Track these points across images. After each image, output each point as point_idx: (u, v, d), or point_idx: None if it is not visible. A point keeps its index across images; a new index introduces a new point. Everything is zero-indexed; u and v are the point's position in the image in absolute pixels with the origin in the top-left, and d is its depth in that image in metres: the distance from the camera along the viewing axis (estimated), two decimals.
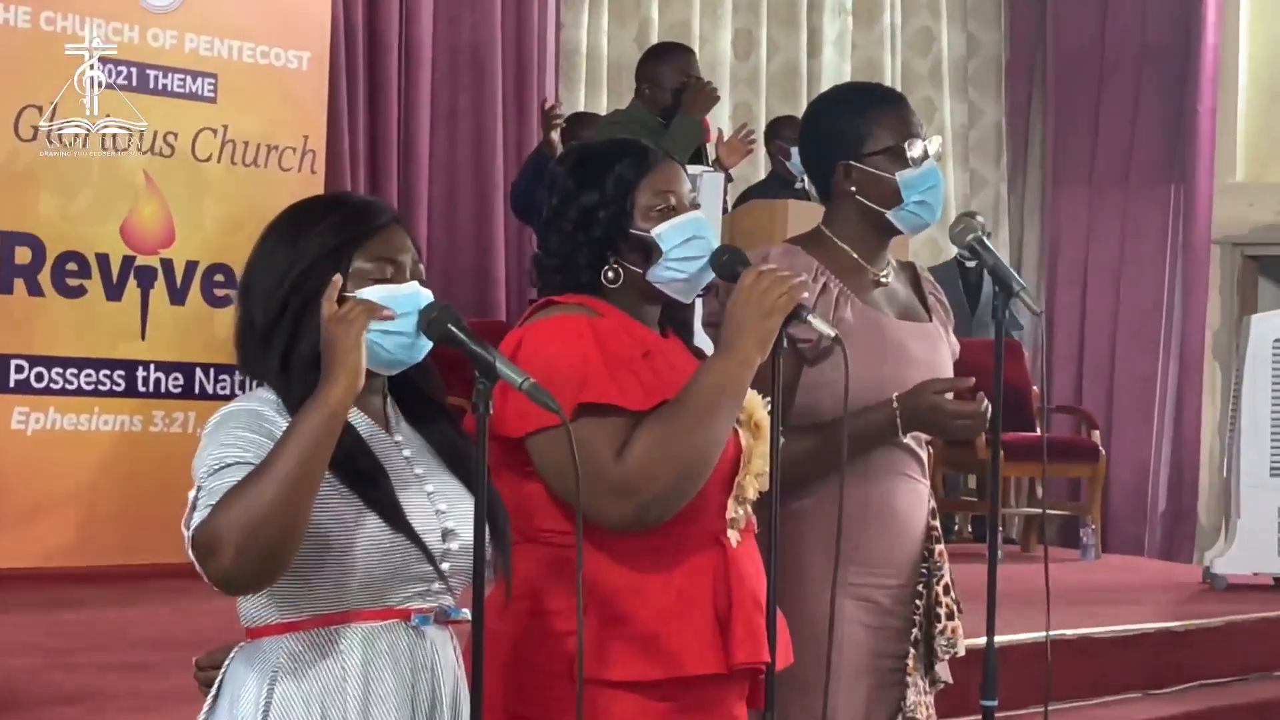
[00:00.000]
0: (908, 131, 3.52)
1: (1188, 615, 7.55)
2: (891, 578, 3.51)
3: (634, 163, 3.08)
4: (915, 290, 3.68)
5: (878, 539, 3.47)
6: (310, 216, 2.73)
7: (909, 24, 11.52)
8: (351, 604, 2.62)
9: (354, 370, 2.54)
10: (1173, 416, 11.13)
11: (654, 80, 7.57)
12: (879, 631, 3.50)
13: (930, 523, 3.58)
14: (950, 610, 3.55)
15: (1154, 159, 11.32)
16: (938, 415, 3.40)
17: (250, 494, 2.46)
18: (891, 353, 3.48)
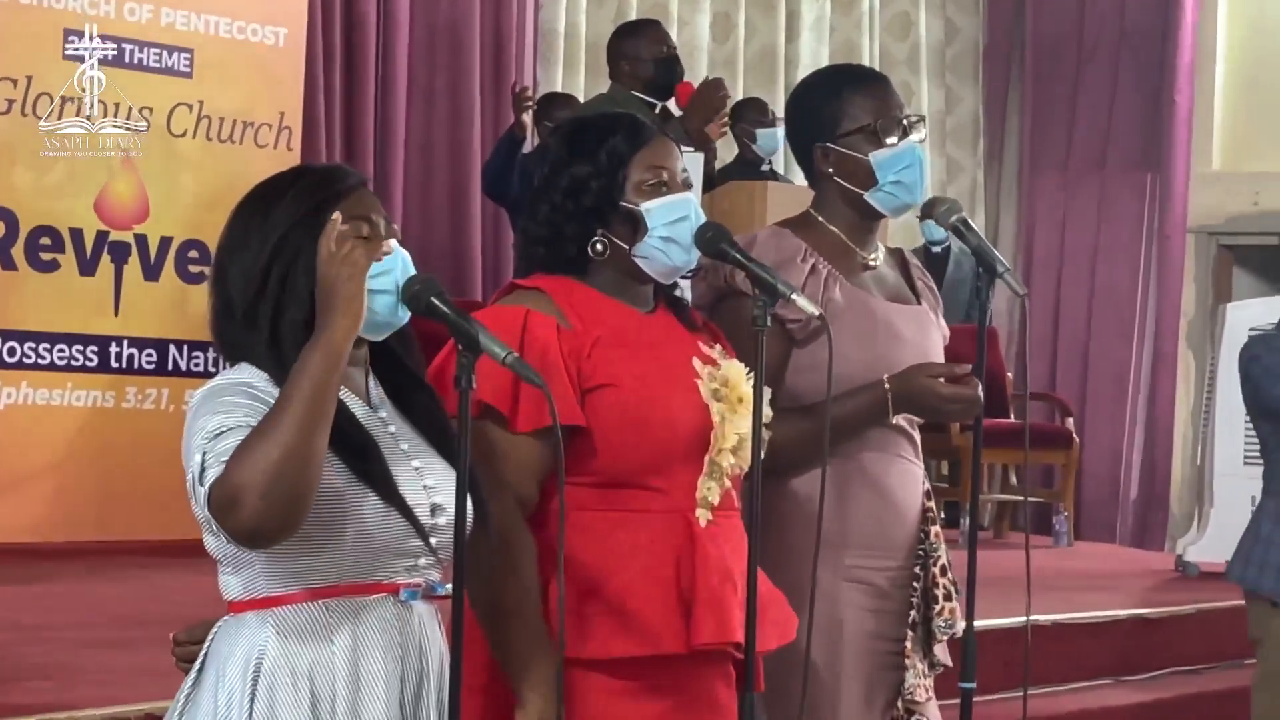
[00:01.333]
0: (883, 111, 3.52)
1: (1160, 602, 7.57)
2: (889, 560, 3.50)
3: (628, 136, 3.08)
4: (904, 275, 3.67)
5: (874, 521, 3.47)
6: (278, 189, 2.72)
7: (887, 8, 11.51)
8: (341, 578, 2.61)
9: (356, 307, 2.54)
10: (1146, 404, 11.14)
11: (632, 56, 7.53)
12: (878, 615, 3.49)
13: (925, 504, 3.57)
14: (948, 591, 3.54)
15: (1131, 147, 11.33)
16: (931, 399, 3.40)
17: (265, 442, 2.45)
18: (882, 333, 3.48)
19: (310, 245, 2.63)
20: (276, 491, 2.43)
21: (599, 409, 2.95)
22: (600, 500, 2.98)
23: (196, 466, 2.52)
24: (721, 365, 3.12)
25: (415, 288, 2.63)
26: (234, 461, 2.45)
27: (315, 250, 2.62)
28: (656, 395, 3.00)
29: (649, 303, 3.12)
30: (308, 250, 2.63)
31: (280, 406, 2.47)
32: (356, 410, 2.69)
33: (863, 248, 3.56)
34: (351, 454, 2.60)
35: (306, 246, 2.64)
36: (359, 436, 2.64)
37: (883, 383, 3.40)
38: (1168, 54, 11.10)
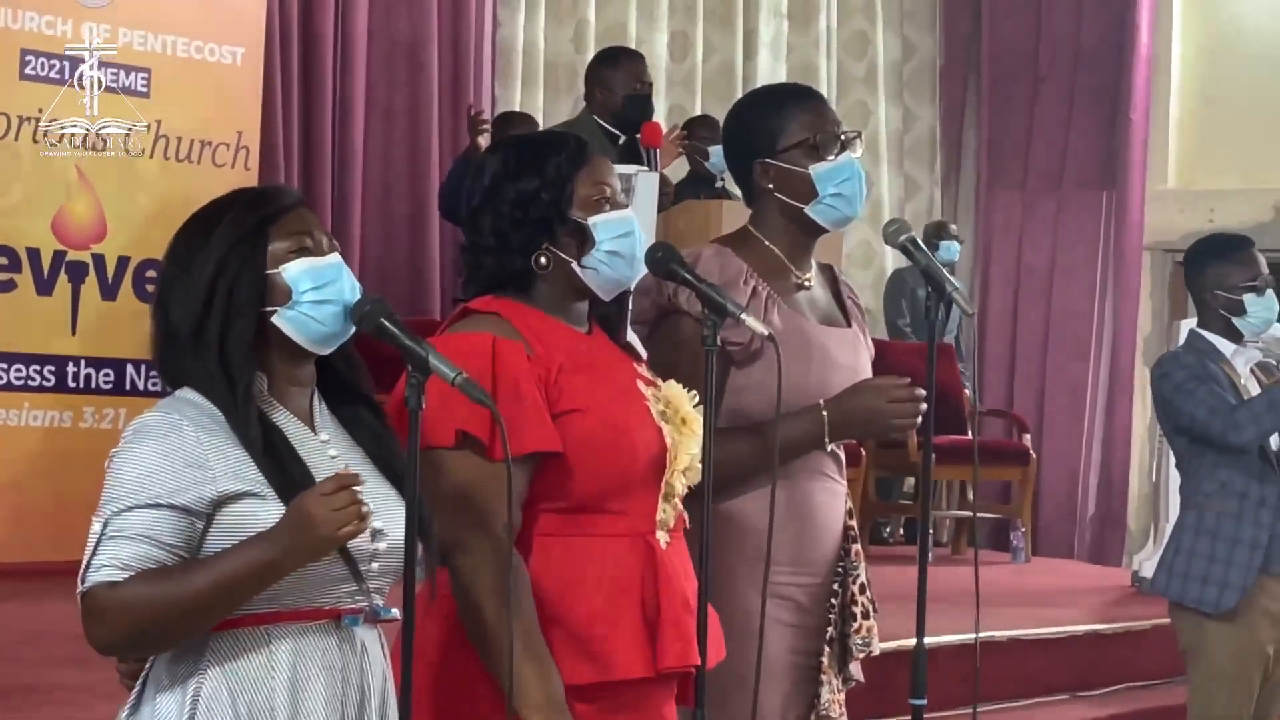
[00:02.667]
0: (821, 126, 3.54)
1: (1116, 618, 7.61)
2: (809, 576, 3.53)
3: (573, 153, 3.11)
4: (833, 293, 3.69)
5: (797, 539, 3.49)
6: (216, 212, 2.74)
7: (844, 27, 11.55)
8: (281, 604, 2.61)
9: (315, 555, 2.54)
10: (1103, 421, 11.20)
11: (606, 84, 7.59)
12: (797, 629, 3.52)
13: (847, 522, 3.60)
14: (865, 609, 3.58)
15: (1086, 165, 11.39)
16: (876, 417, 3.42)
17: (154, 604, 2.49)
18: (816, 358, 3.50)
19: (252, 264, 2.65)
20: (137, 646, 2.55)
21: (567, 435, 2.96)
22: (565, 526, 2.99)
23: (93, 539, 2.55)
24: (661, 386, 3.15)
25: (366, 308, 2.65)
26: (122, 597, 2.50)
27: (258, 269, 2.65)
28: (618, 420, 3.01)
29: (585, 322, 3.14)
30: (250, 269, 2.65)
31: (185, 587, 2.50)
32: (298, 434, 2.70)
33: (798, 266, 3.58)
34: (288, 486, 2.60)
35: (249, 265, 2.66)
36: (298, 469, 2.64)
37: (819, 408, 3.42)
38: (1122, 73, 11.17)
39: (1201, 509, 5.05)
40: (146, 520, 2.52)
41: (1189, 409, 4.95)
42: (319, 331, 2.66)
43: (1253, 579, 4.96)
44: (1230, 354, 5.07)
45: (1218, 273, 5.05)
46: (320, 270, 2.67)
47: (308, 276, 2.66)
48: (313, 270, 2.67)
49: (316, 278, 2.66)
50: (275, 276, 2.66)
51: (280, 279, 2.66)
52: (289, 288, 2.65)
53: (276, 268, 2.67)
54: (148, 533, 2.52)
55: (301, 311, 2.64)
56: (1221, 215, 11.08)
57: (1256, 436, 4.91)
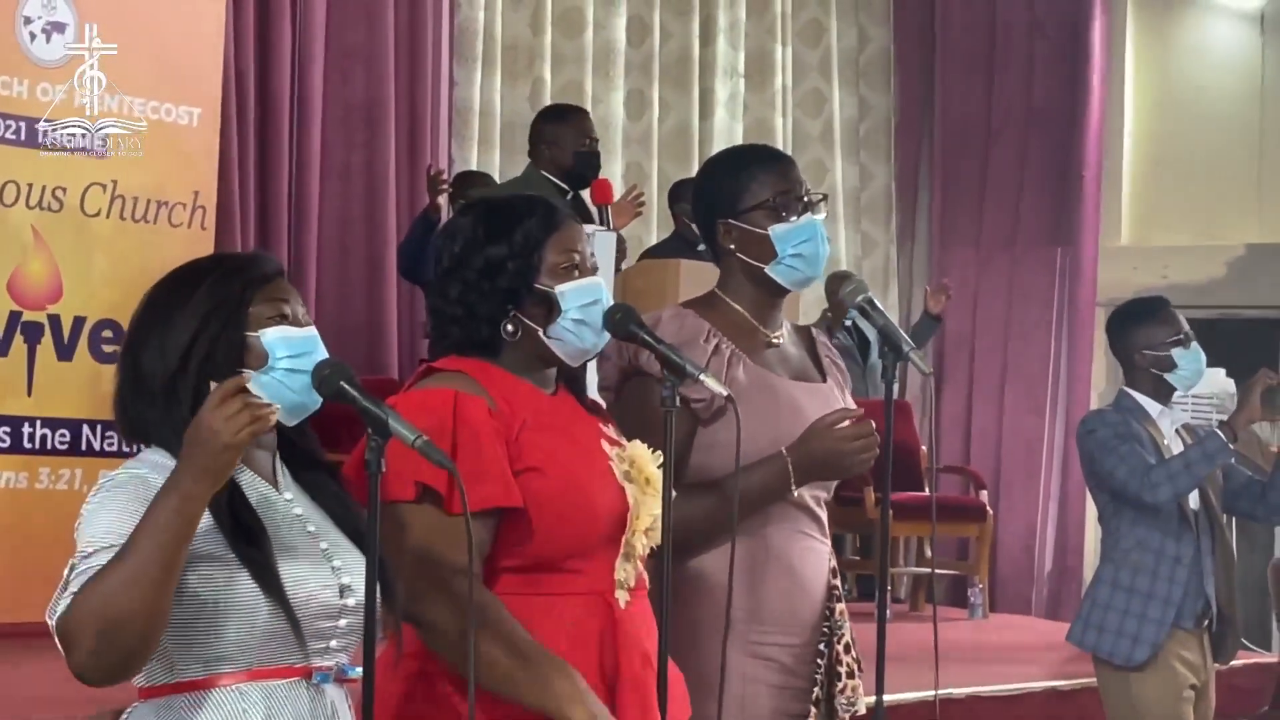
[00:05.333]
0: (782, 187, 3.56)
1: (1073, 674, 7.60)
2: (793, 637, 3.53)
3: (543, 219, 3.11)
4: (810, 353, 3.71)
5: (779, 598, 3.50)
6: (199, 272, 2.75)
7: (800, 86, 11.61)
8: (250, 663, 2.61)
9: (222, 468, 2.51)
10: (1059, 477, 11.24)
11: (554, 141, 7.61)
12: (782, 691, 3.51)
13: (831, 582, 3.61)
14: (851, 669, 3.58)
15: (1040, 222, 11.46)
16: (835, 457, 3.43)
17: (105, 590, 2.46)
18: (786, 413, 3.51)
19: (234, 325, 2.67)
20: (108, 646, 2.46)
21: (528, 493, 2.96)
22: (524, 585, 2.99)
23: (62, 583, 2.54)
24: (626, 446, 3.15)
25: (325, 372, 2.66)
26: (76, 603, 2.48)
27: (238, 331, 2.66)
28: (580, 479, 3.02)
29: (552, 384, 3.15)
30: (231, 330, 2.67)
31: (125, 556, 2.47)
32: (264, 493, 2.71)
33: (766, 325, 3.60)
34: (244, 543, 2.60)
35: (230, 326, 2.67)
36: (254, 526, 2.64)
37: (782, 454, 3.44)
38: (1075, 131, 11.26)
39: (1119, 564, 5.24)
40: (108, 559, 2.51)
41: (1110, 466, 5.15)
42: (290, 399, 2.66)
43: (1165, 633, 5.14)
44: (1156, 414, 5.26)
45: (1144, 334, 5.23)
46: (298, 340, 2.69)
47: (285, 344, 2.68)
48: (291, 339, 2.69)
49: (294, 346, 2.68)
50: (254, 340, 2.67)
51: (259, 343, 2.67)
52: (266, 352, 2.66)
53: (256, 331, 2.68)
54: None
55: (276, 378, 2.65)
56: (1175, 272, 11.16)
57: (1172, 496, 5.09)
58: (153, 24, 7.53)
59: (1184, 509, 5.18)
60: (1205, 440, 5.08)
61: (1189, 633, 5.20)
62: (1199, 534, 5.20)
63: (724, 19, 11.10)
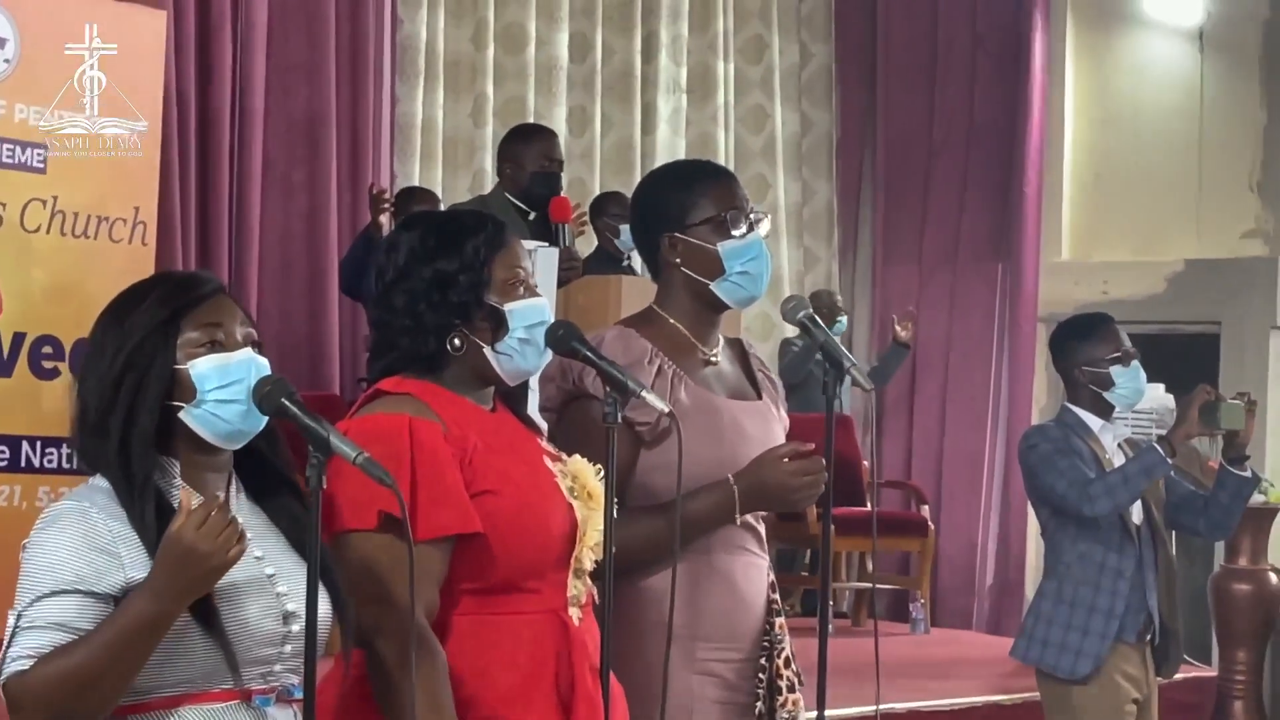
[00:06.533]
0: (731, 203, 3.56)
1: (1014, 689, 7.65)
2: (735, 652, 3.53)
3: (491, 236, 3.11)
4: (743, 367, 3.71)
5: (720, 613, 3.50)
6: (136, 296, 2.74)
7: (742, 102, 11.64)
8: (192, 687, 2.60)
9: (207, 587, 2.53)
10: (1000, 491, 11.27)
11: (515, 161, 7.62)
12: (725, 706, 3.52)
13: (771, 596, 3.61)
14: (791, 683, 3.59)
15: (981, 238, 11.51)
16: (782, 490, 3.43)
17: (62, 683, 2.48)
18: (728, 433, 3.51)
19: (161, 357, 2.65)
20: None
21: (484, 515, 2.96)
22: (482, 606, 2.99)
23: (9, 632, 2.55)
24: (566, 461, 3.16)
25: (266, 389, 2.65)
26: (35, 677, 2.50)
27: (166, 364, 2.65)
28: (533, 500, 3.02)
29: (490, 401, 3.15)
30: (158, 363, 2.65)
31: (86, 658, 2.49)
32: None
33: (704, 342, 3.60)
34: None
35: (158, 359, 2.65)
36: None
37: (729, 481, 3.44)
38: (1016, 147, 11.31)
39: (1061, 578, 5.28)
40: (58, 608, 2.52)
41: (1050, 480, 5.19)
42: (224, 429, 2.66)
43: (1107, 647, 5.18)
44: (1098, 429, 5.31)
45: (1084, 350, 5.27)
46: (228, 368, 2.67)
47: (214, 374, 2.67)
48: (220, 368, 2.67)
49: (223, 375, 2.66)
50: (182, 373, 2.66)
51: (187, 375, 2.66)
52: (195, 385, 2.65)
53: (185, 363, 2.66)
54: (59, 620, 2.52)
55: (207, 410, 2.64)
56: (1115, 287, 11.23)
57: (1111, 509, 5.13)
58: None
59: (1126, 523, 5.21)
60: (1143, 454, 5.12)
61: (1131, 646, 5.24)
62: (1141, 548, 5.24)
63: (666, 35, 11.12)
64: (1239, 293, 10.96)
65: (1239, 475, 5.21)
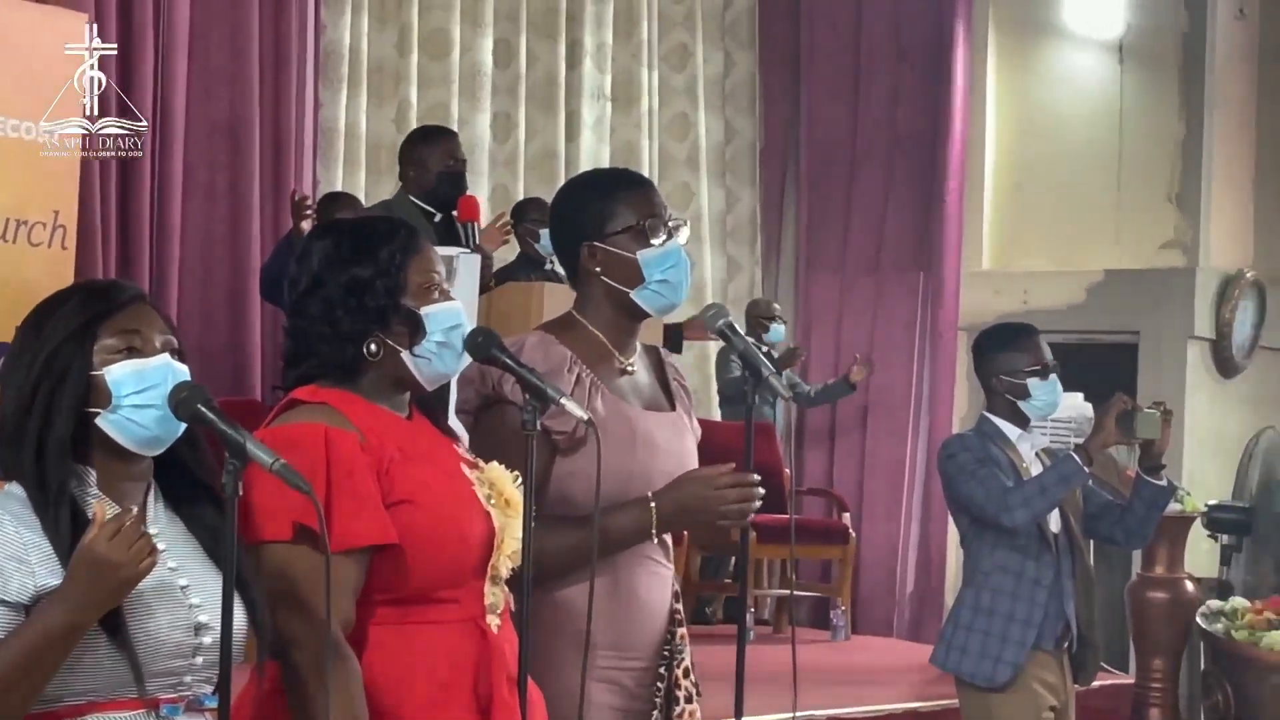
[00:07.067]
0: (649, 212, 3.56)
1: (933, 696, 7.68)
2: (636, 660, 3.54)
3: (406, 240, 3.11)
4: (659, 376, 3.72)
5: (624, 622, 3.50)
6: (54, 303, 2.74)
7: (666, 110, 11.66)
8: (94, 697, 2.60)
9: (119, 599, 2.53)
10: (921, 499, 11.32)
11: (419, 163, 7.59)
12: (625, 714, 3.52)
13: (673, 605, 3.62)
14: (689, 694, 3.59)
15: (903, 247, 11.57)
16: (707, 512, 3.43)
17: None
18: (641, 444, 3.51)
19: (77, 364, 2.64)
20: None
21: (401, 526, 2.95)
22: (399, 616, 2.99)
23: None
24: (483, 468, 3.15)
25: (181, 395, 2.64)
26: None
27: (82, 370, 2.64)
28: (450, 509, 3.01)
29: (407, 408, 3.14)
30: (74, 369, 2.64)
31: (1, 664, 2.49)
32: None
33: (622, 351, 3.60)
34: None
35: (74, 365, 2.64)
36: None
37: (648, 499, 3.44)
38: (938, 157, 11.37)
39: (980, 586, 5.32)
40: None
41: (968, 490, 5.23)
42: (141, 435, 2.65)
43: (1026, 655, 5.22)
44: (1015, 438, 5.35)
45: (1004, 359, 5.29)
46: (144, 373, 2.66)
47: (131, 380, 2.66)
48: (136, 373, 2.66)
49: (139, 381, 2.65)
50: (98, 378, 2.65)
51: (103, 381, 2.65)
52: (110, 391, 2.64)
53: (101, 369, 2.65)
54: None
55: (124, 415, 2.63)
56: (1035, 297, 11.30)
57: (1029, 518, 5.17)
58: (13, 42, 7.44)
59: (1044, 531, 5.25)
60: (1060, 464, 5.15)
61: (1049, 654, 5.28)
62: (1059, 556, 5.27)
63: (590, 42, 11.12)
64: (1157, 303, 11.05)
65: (1155, 484, 5.25)
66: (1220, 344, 11.19)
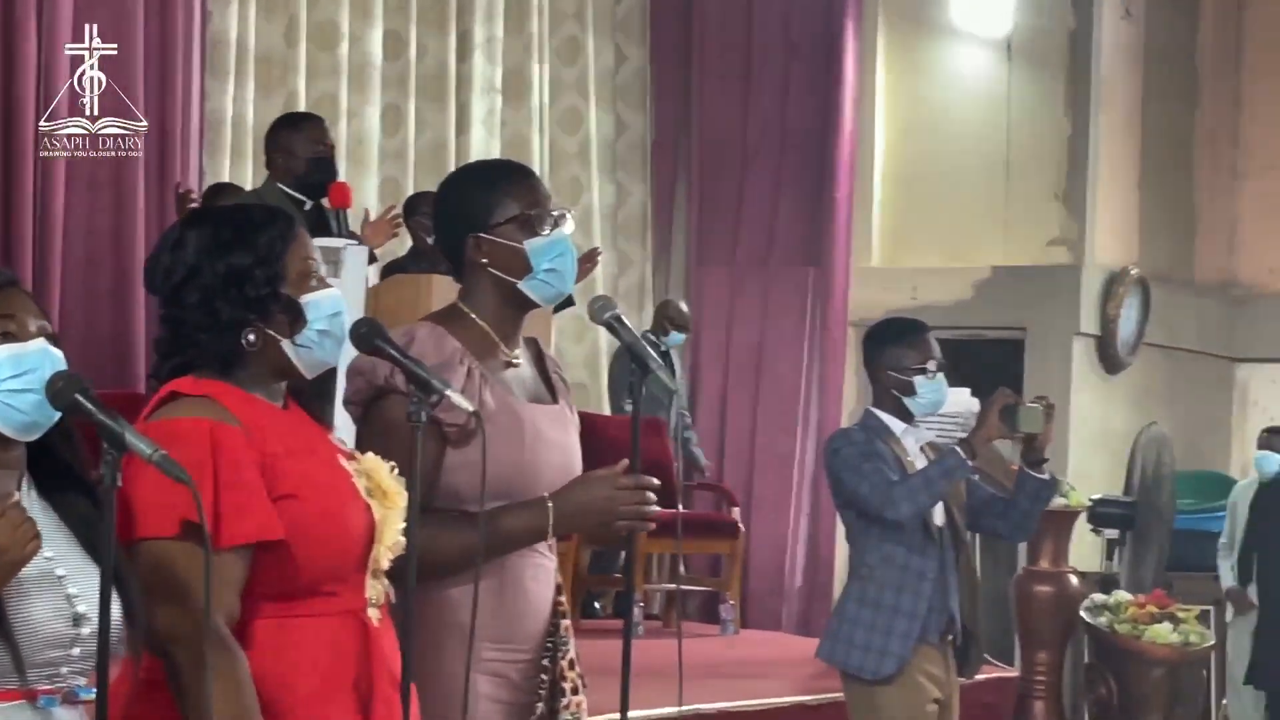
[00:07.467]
0: (535, 202, 3.55)
1: (821, 690, 7.70)
2: (522, 653, 3.52)
3: (284, 228, 3.07)
4: (539, 369, 3.71)
5: (509, 616, 3.49)
6: None
7: (558, 103, 11.64)
8: None
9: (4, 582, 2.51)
10: (810, 494, 11.37)
11: (286, 150, 7.50)
12: (510, 707, 3.50)
13: (556, 598, 3.61)
14: (575, 685, 3.58)
15: (793, 243, 11.61)
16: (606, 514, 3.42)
17: None
18: (528, 436, 3.50)
19: None
20: None
21: (285, 521, 2.92)
22: (282, 609, 2.95)
23: None
24: (360, 459, 3.13)
25: (59, 384, 2.60)
26: None
27: None
28: (333, 503, 2.99)
29: (282, 398, 3.11)
30: None
31: None
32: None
33: (507, 343, 3.59)
34: None
35: None
36: None
37: (544, 500, 3.43)
38: (828, 153, 11.42)
39: (865, 580, 5.33)
40: None
41: (853, 484, 5.25)
42: (19, 420, 2.61)
43: (910, 648, 5.24)
44: (900, 432, 5.37)
45: (892, 355, 5.31)
46: (20, 357, 2.63)
47: (7, 364, 2.62)
48: (13, 358, 2.62)
49: (16, 365, 2.62)
50: None
51: None
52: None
53: None
54: None
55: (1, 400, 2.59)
56: (924, 293, 11.38)
57: (913, 512, 5.19)
58: None
59: (929, 525, 5.28)
60: (945, 458, 5.18)
61: (933, 647, 5.30)
62: (943, 550, 5.30)
63: (481, 34, 11.08)
64: (1043, 299, 11.16)
65: (1037, 478, 5.29)
66: (1105, 340, 11.31)
